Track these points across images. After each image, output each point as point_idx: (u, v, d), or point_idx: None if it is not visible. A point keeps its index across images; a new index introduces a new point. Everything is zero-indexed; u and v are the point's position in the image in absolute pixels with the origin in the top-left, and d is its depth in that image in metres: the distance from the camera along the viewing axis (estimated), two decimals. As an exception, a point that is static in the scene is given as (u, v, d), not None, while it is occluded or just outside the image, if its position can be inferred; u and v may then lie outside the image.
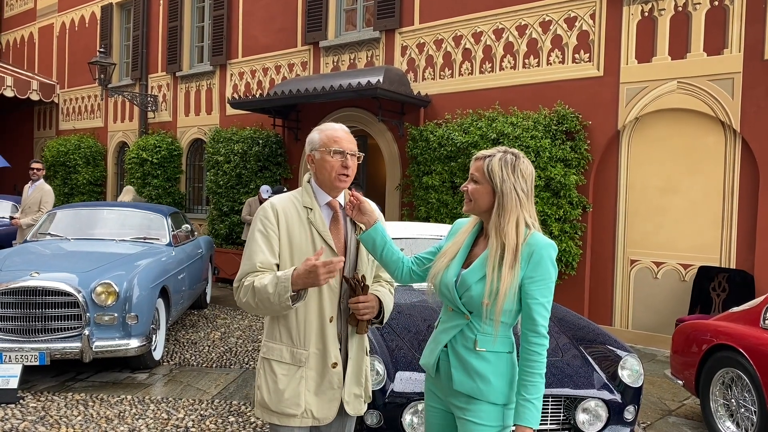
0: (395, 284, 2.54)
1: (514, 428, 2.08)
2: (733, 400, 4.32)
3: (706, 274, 6.71)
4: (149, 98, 13.58)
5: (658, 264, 7.20)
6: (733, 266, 6.66)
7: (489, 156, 2.14)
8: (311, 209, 2.28)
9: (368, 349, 2.42)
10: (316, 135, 2.32)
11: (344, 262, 2.29)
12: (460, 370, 2.14)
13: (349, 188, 2.39)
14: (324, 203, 2.32)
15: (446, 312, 2.24)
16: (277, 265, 2.24)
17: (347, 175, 2.28)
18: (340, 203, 2.35)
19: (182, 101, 13.07)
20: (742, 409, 4.21)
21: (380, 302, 2.30)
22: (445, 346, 2.19)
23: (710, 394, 4.49)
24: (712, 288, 6.61)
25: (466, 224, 2.30)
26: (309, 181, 2.35)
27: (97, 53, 12.64)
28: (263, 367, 2.30)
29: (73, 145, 14.60)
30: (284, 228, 2.25)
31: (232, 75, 12.02)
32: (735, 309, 4.63)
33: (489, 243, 2.13)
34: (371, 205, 2.31)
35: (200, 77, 12.66)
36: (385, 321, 2.35)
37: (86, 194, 14.53)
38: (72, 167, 14.52)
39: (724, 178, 6.75)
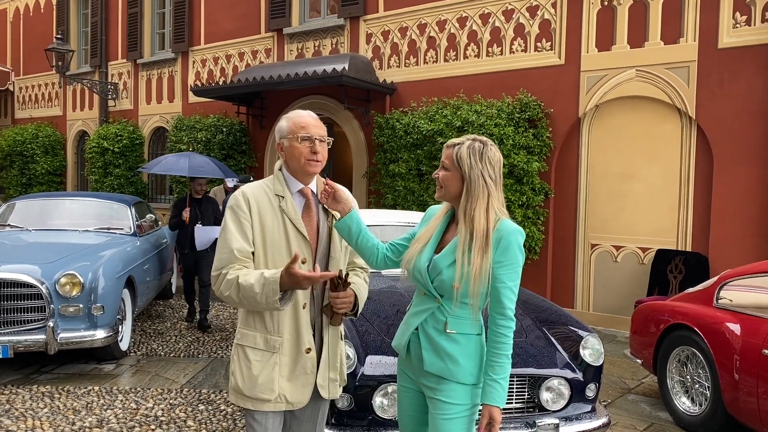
0: (370, 270, 2.59)
1: (481, 407, 2.16)
2: (688, 377, 4.51)
3: (663, 257, 6.94)
4: (109, 86, 13.30)
5: (617, 248, 7.41)
6: (689, 249, 6.90)
7: (458, 144, 2.21)
8: (283, 197, 2.29)
9: (343, 334, 2.46)
10: (284, 123, 2.33)
11: (316, 252, 2.32)
12: (430, 352, 2.21)
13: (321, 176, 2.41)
14: (296, 191, 2.33)
15: (418, 296, 2.31)
16: (253, 253, 2.25)
17: (317, 161, 2.29)
18: (312, 190, 2.36)
19: (143, 89, 12.84)
20: (697, 386, 4.40)
21: (355, 296, 2.33)
22: (416, 329, 2.26)
23: (667, 372, 4.67)
24: (669, 270, 6.84)
25: (439, 211, 2.36)
26: (280, 169, 2.36)
27: (54, 39, 12.31)
28: (237, 354, 2.32)
29: (30, 134, 14.21)
30: (256, 216, 2.25)
31: (194, 62, 11.85)
32: (690, 290, 4.82)
33: (459, 228, 2.19)
34: (346, 193, 2.33)
35: (162, 64, 12.44)
36: (359, 313, 2.39)
37: (45, 184, 14.19)
38: (30, 157, 14.15)
39: (680, 163, 6.97)
